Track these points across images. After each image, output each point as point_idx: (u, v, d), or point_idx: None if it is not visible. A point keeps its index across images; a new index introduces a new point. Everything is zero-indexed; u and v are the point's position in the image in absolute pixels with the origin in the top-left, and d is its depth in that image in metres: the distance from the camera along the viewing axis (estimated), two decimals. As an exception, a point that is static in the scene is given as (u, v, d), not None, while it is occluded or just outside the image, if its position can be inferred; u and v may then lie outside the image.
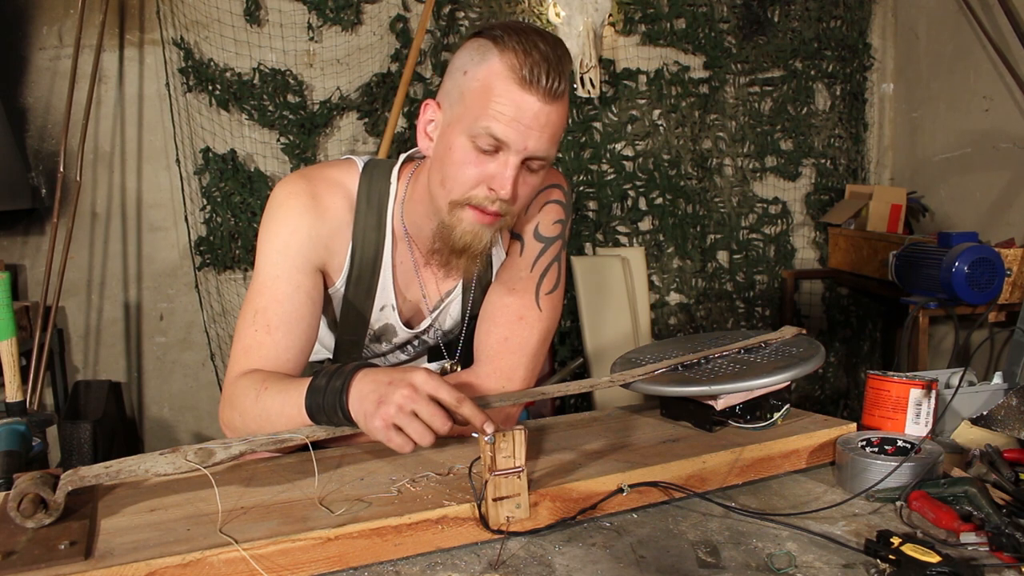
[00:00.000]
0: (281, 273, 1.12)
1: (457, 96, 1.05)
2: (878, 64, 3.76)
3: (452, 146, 1.05)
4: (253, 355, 1.10)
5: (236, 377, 1.10)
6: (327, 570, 0.83)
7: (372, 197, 1.19)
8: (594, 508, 0.93)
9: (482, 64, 1.02)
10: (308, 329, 1.14)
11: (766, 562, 0.83)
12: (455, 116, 1.05)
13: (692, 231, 3.60)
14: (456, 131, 1.04)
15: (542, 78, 1.00)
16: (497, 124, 1.00)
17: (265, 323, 1.10)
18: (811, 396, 3.79)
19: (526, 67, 0.99)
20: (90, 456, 2.67)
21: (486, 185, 1.04)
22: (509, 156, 1.03)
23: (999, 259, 2.71)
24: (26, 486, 0.84)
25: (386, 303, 1.24)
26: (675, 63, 3.52)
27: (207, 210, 3.16)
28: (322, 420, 0.99)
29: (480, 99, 1.01)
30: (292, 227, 1.13)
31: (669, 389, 1.12)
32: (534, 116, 1.01)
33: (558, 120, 1.04)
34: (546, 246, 1.23)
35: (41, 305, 2.81)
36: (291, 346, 1.11)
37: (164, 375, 3.29)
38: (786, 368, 1.11)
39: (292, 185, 1.16)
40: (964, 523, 0.87)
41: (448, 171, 1.06)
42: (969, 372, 1.32)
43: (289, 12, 3.16)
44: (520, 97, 1.00)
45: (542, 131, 1.02)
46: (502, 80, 1.00)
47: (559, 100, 1.03)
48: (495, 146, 1.02)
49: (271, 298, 1.11)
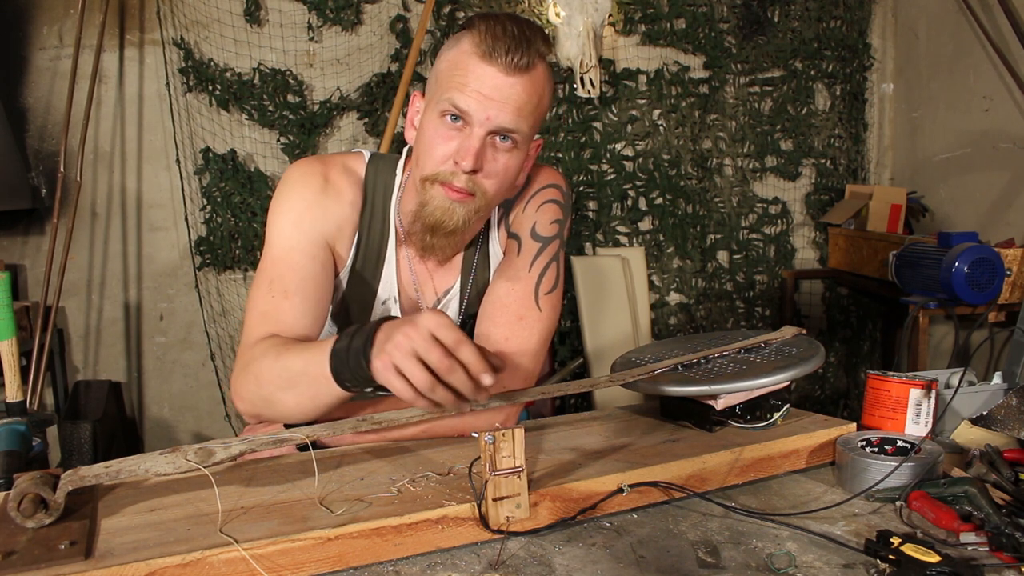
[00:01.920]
0: (296, 244, 1.13)
1: (433, 80, 1.11)
2: (878, 64, 3.76)
3: (425, 127, 1.10)
4: (271, 320, 1.10)
5: (254, 342, 1.08)
6: (327, 570, 0.83)
7: (378, 190, 1.21)
8: (594, 508, 0.93)
9: (453, 47, 1.08)
10: (324, 298, 1.14)
11: (766, 562, 0.83)
12: (430, 98, 1.11)
13: (692, 231, 3.60)
14: (429, 110, 1.10)
15: (503, 51, 1.03)
16: (459, 95, 1.04)
17: (282, 289, 1.10)
18: (811, 396, 3.79)
19: (487, 42, 1.03)
20: (90, 456, 2.67)
21: (452, 160, 1.07)
22: (473, 128, 1.05)
23: (999, 259, 2.71)
24: (26, 486, 0.84)
25: (389, 296, 1.24)
26: (675, 63, 3.52)
27: (207, 210, 3.16)
28: (346, 377, 0.96)
29: (447, 75, 1.07)
30: (306, 201, 1.15)
31: (669, 389, 1.12)
32: (494, 87, 1.04)
33: (523, 94, 1.06)
34: (544, 245, 1.23)
35: (41, 305, 2.81)
36: (308, 312, 1.11)
37: (164, 375, 3.29)
38: (786, 368, 1.11)
39: (307, 165, 1.18)
40: (964, 523, 0.87)
41: (420, 149, 1.10)
42: (969, 372, 1.33)
43: (289, 12, 3.16)
44: (481, 68, 1.04)
45: (504, 102, 1.05)
46: (466, 55, 1.05)
47: (522, 73, 1.05)
48: (459, 117, 1.06)
49: (286, 267, 1.12)
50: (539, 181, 1.27)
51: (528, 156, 1.16)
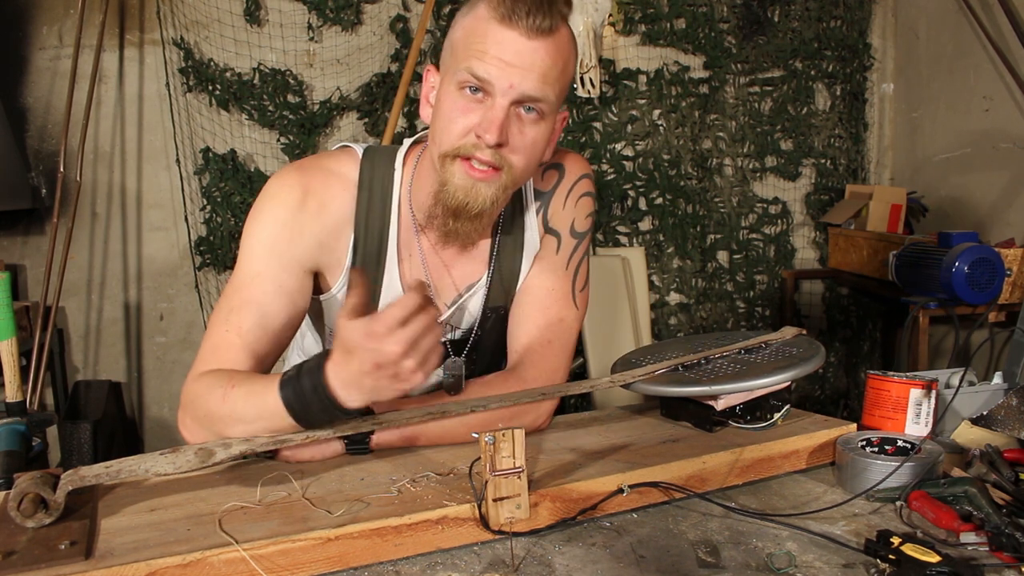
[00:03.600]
0: (264, 271, 1.06)
1: (448, 52, 1.04)
2: (878, 64, 3.76)
3: (443, 100, 1.03)
4: (221, 356, 1.03)
5: (199, 376, 1.02)
6: (327, 570, 0.83)
7: (375, 186, 1.12)
8: (594, 508, 0.93)
9: (468, 14, 1.01)
10: (282, 333, 1.08)
11: (766, 562, 0.83)
12: (446, 69, 1.03)
13: (692, 231, 3.60)
14: (445, 83, 1.03)
15: (524, 13, 0.96)
16: (478, 62, 0.98)
17: (238, 324, 1.04)
18: (811, 396, 3.79)
19: (505, 4, 0.96)
20: (90, 456, 2.67)
21: (474, 132, 1.00)
22: (495, 98, 0.98)
23: (999, 259, 2.71)
24: (26, 486, 0.84)
25: (392, 298, 1.15)
26: (675, 63, 3.52)
27: (207, 210, 3.16)
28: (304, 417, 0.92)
29: (464, 44, 1.00)
30: (281, 222, 1.06)
31: (669, 389, 1.12)
32: (516, 52, 0.97)
33: (547, 58, 0.99)
34: (579, 242, 1.20)
35: (41, 305, 2.81)
36: (260, 351, 1.05)
37: (164, 375, 3.29)
38: (786, 368, 1.11)
39: (286, 177, 1.09)
40: (964, 523, 0.87)
41: (439, 125, 1.03)
42: (969, 372, 1.32)
43: (289, 12, 3.16)
44: (500, 33, 0.97)
45: (528, 69, 0.98)
46: (483, 21, 0.98)
47: (546, 36, 0.98)
48: (480, 88, 0.99)
49: (249, 297, 1.05)
50: (573, 171, 1.21)
51: (555, 130, 1.08)
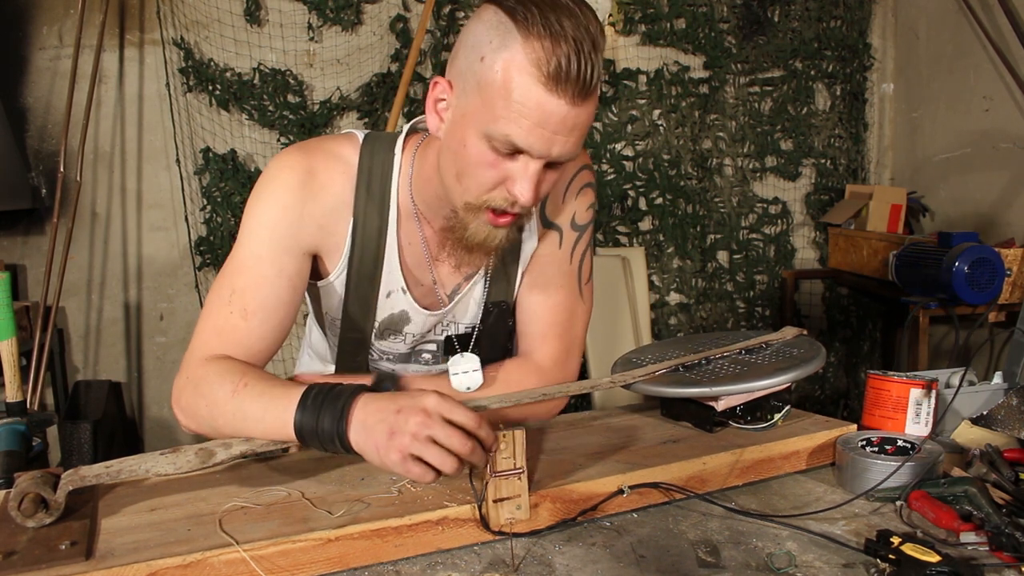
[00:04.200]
0: (265, 253, 1.04)
1: (473, 84, 0.92)
2: (878, 64, 3.76)
3: (467, 143, 0.94)
4: (226, 339, 1.03)
5: (205, 359, 1.01)
6: (327, 571, 0.83)
7: (375, 171, 1.10)
8: (594, 509, 0.93)
9: (502, 51, 0.89)
10: (286, 318, 1.07)
11: (766, 562, 0.83)
12: (470, 107, 0.93)
13: (692, 231, 3.60)
14: (472, 127, 0.93)
15: (572, 75, 0.87)
16: (518, 131, 0.90)
17: (242, 306, 1.03)
18: (811, 396, 3.79)
19: (552, 62, 0.86)
20: (90, 456, 2.67)
21: (505, 187, 0.96)
22: (530, 161, 0.93)
23: (999, 259, 2.71)
24: (27, 485, 0.84)
25: (393, 288, 1.15)
26: (675, 63, 3.52)
27: (207, 210, 3.16)
28: (314, 445, 0.90)
29: (498, 97, 0.89)
30: (283, 203, 1.05)
31: (670, 390, 1.12)
32: (560, 121, 0.90)
33: (587, 119, 0.93)
34: (581, 234, 1.19)
35: (41, 305, 2.81)
36: (266, 335, 1.04)
37: (164, 375, 3.29)
38: (787, 370, 1.11)
39: (287, 158, 1.07)
40: (964, 523, 0.87)
41: (464, 169, 0.96)
42: (969, 372, 1.32)
43: (289, 12, 3.16)
44: (545, 100, 0.88)
45: (569, 135, 0.92)
46: (524, 77, 0.88)
47: (591, 96, 0.91)
48: (516, 150, 0.93)
49: (251, 279, 1.04)
50: (572, 163, 1.16)
51: None
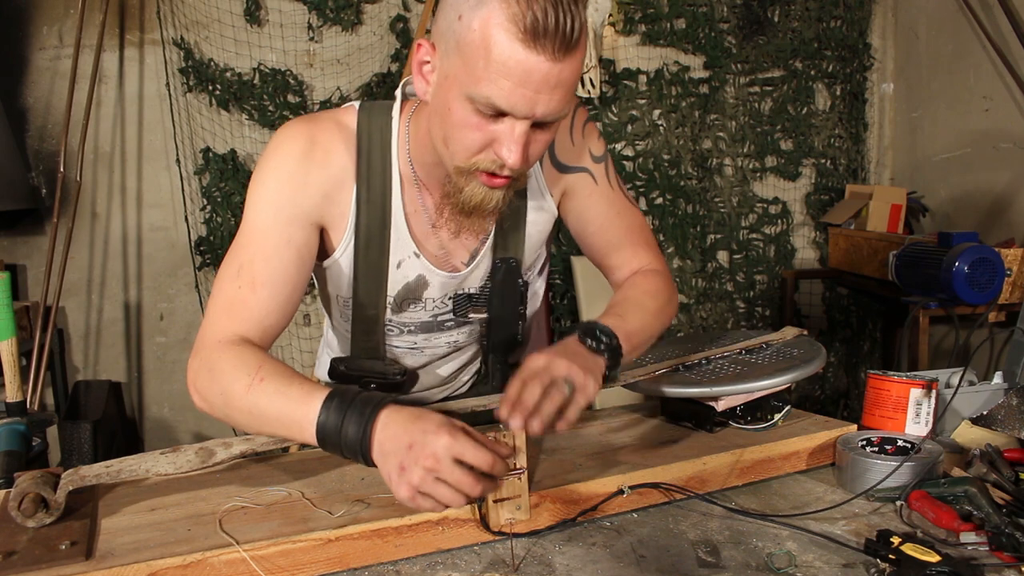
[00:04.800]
0: (272, 225, 1.02)
1: (453, 45, 0.88)
2: (878, 64, 3.76)
3: (451, 107, 0.91)
4: (236, 314, 1.00)
5: (220, 343, 0.98)
6: (327, 571, 0.83)
7: (374, 136, 1.08)
8: (594, 509, 0.93)
9: (479, 8, 0.85)
10: (295, 290, 1.04)
11: (766, 562, 0.83)
12: (452, 69, 0.89)
13: (692, 231, 3.60)
14: (454, 89, 0.90)
15: (550, 29, 0.82)
16: (499, 92, 0.86)
17: (250, 279, 1.00)
18: (811, 396, 3.80)
19: (529, 15, 0.82)
20: (90, 456, 2.67)
21: (492, 150, 0.92)
22: (516, 123, 0.89)
23: (999, 259, 2.71)
24: (27, 485, 0.84)
25: (404, 256, 1.11)
26: (675, 63, 3.52)
27: (207, 210, 3.16)
28: (335, 453, 0.88)
29: (478, 57, 0.85)
30: (287, 173, 1.02)
31: (670, 390, 1.12)
32: (543, 78, 0.85)
33: (572, 74, 0.88)
34: (605, 163, 1.19)
35: (41, 305, 2.81)
36: (275, 308, 1.02)
37: (164, 375, 3.29)
38: (787, 370, 1.11)
39: (288, 129, 1.05)
40: (964, 523, 0.87)
41: (449, 133, 0.93)
42: (969, 372, 1.32)
43: (289, 12, 3.16)
44: (525, 57, 0.84)
45: (552, 92, 0.87)
46: (501, 34, 0.83)
47: (574, 51, 0.86)
48: (499, 112, 0.89)
49: (258, 251, 1.01)
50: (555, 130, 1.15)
51: None
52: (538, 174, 1.15)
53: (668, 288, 1.18)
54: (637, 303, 1.12)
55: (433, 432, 0.81)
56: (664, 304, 1.15)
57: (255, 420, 0.92)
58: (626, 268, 1.22)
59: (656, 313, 1.13)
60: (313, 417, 0.86)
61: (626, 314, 1.08)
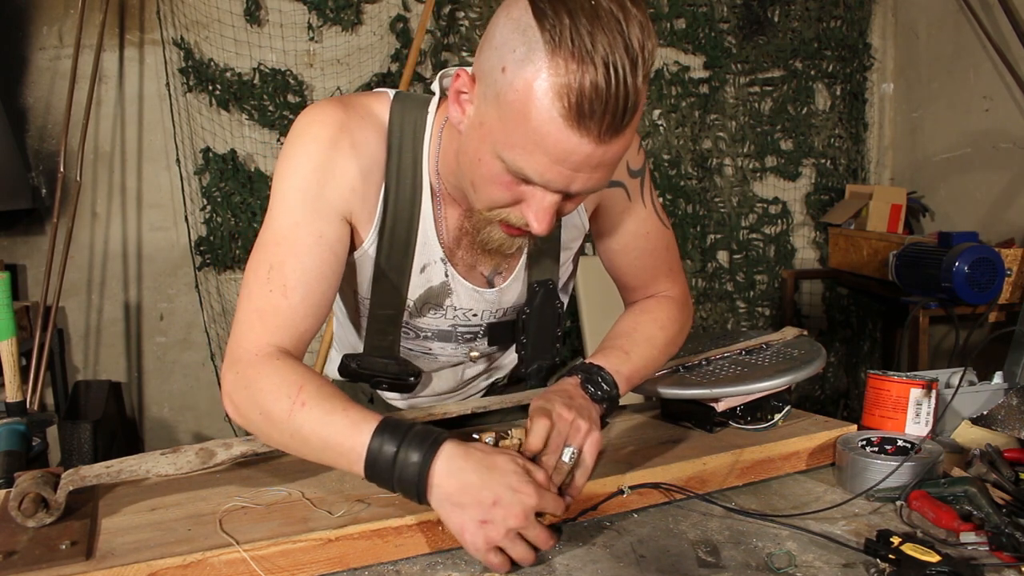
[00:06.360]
0: (301, 220, 0.95)
1: (492, 94, 0.81)
2: (878, 64, 3.76)
3: (482, 158, 0.84)
4: (269, 321, 0.94)
5: (257, 356, 0.92)
6: (328, 571, 0.83)
7: (406, 132, 1.01)
8: (594, 509, 0.93)
9: (525, 66, 0.76)
10: (329, 290, 0.97)
11: (766, 561, 0.83)
12: (488, 119, 0.82)
13: (692, 231, 3.60)
14: (487, 141, 0.83)
15: (600, 109, 0.75)
16: (534, 166, 0.80)
17: (282, 283, 0.93)
18: (811, 396, 3.80)
19: (577, 89, 0.74)
20: (90, 456, 2.67)
21: (520, 209, 0.87)
22: (547, 194, 0.84)
23: (999, 259, 2.71)
24: (27, 485, 0.84)
25: (429, 260, 1.05)
26: (675, 63, 3.52)
27: (207, 210, 3.16)
28: (383, 487, 0.84)
29: (516, 122, 0.78)
30: (316, 162, 0.95)
31: (670, 391, 1.12)
32: (584, 160, 0.79)
33: (619, 152, 0.81)
34: (642, 177, 1.12)
35: (41, 305, 2.81)
36: (309, 312, 0.95)
37: (164, 375, 3.29)
38: (787, 371, 1.11)
39: (320, 112, 0.97)
40: (964, 523, 0.87)
41: (477, 183, 0.88)
42: (969, 372, 1.32)
43: (289, 12, 3.16)
44: (566, 137, 0.77)
45: (593, 172, 0.81)
46: (545, 106, 0.76)
47: (624, 130, 0.78)
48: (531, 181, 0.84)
49: (289, 251, 0.94)
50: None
51: None
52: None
53: (682, 317, 1.15)
54: (647, 337, 1.10)
55: (516, 488, 0.80)
56: (675, 335, 1.13)
57: (298, 444, 0.88)
58: (641, 293, 1.20)
59: (664, 347, 1.11)
60: (362, 451, 0.82)
61: (632, 350, 1.06)
